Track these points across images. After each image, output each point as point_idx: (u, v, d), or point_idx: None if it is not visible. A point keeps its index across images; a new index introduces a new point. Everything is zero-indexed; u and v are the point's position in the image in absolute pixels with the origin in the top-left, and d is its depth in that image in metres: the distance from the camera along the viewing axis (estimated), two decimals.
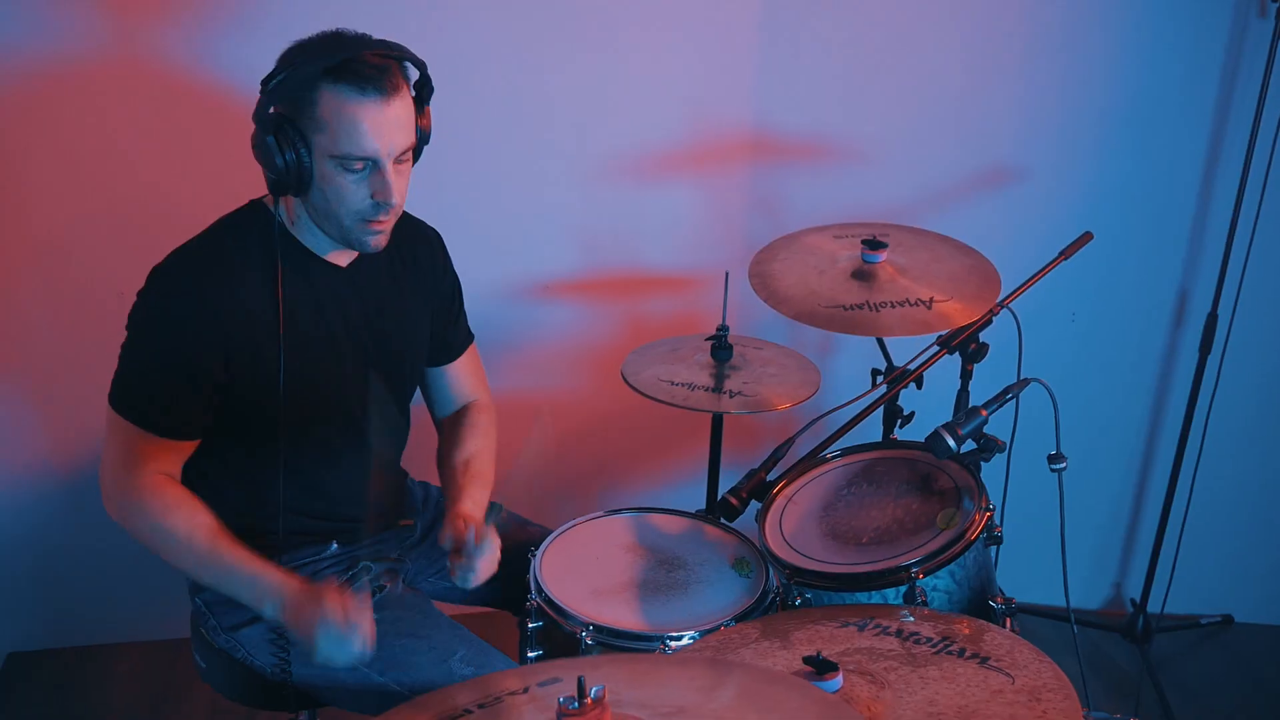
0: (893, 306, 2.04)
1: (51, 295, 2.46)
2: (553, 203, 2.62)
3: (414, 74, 1.64)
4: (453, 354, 2.00)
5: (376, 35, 1.62)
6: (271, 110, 1.56)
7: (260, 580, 1.61)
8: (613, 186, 2.62)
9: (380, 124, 1.56)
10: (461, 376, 2.02)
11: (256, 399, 1.68)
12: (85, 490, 2.62)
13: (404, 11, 2.33)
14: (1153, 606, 2.87)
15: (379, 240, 1.67)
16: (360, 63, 1.54)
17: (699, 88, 2.59)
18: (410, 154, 1.65)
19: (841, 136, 2.66)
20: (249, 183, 1.75)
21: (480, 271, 2.57)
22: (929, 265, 2.17)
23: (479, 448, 1.94)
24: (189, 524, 1.62)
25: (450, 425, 2.00)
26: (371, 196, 1.61)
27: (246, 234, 1.68)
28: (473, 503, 1.82)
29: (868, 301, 2.07)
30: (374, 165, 1.59)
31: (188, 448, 1.68)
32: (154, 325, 1.64)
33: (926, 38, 2.59)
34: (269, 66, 1.60)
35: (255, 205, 1.72)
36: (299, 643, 1.62)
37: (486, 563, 1.73)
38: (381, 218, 1.64)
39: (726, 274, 2.24)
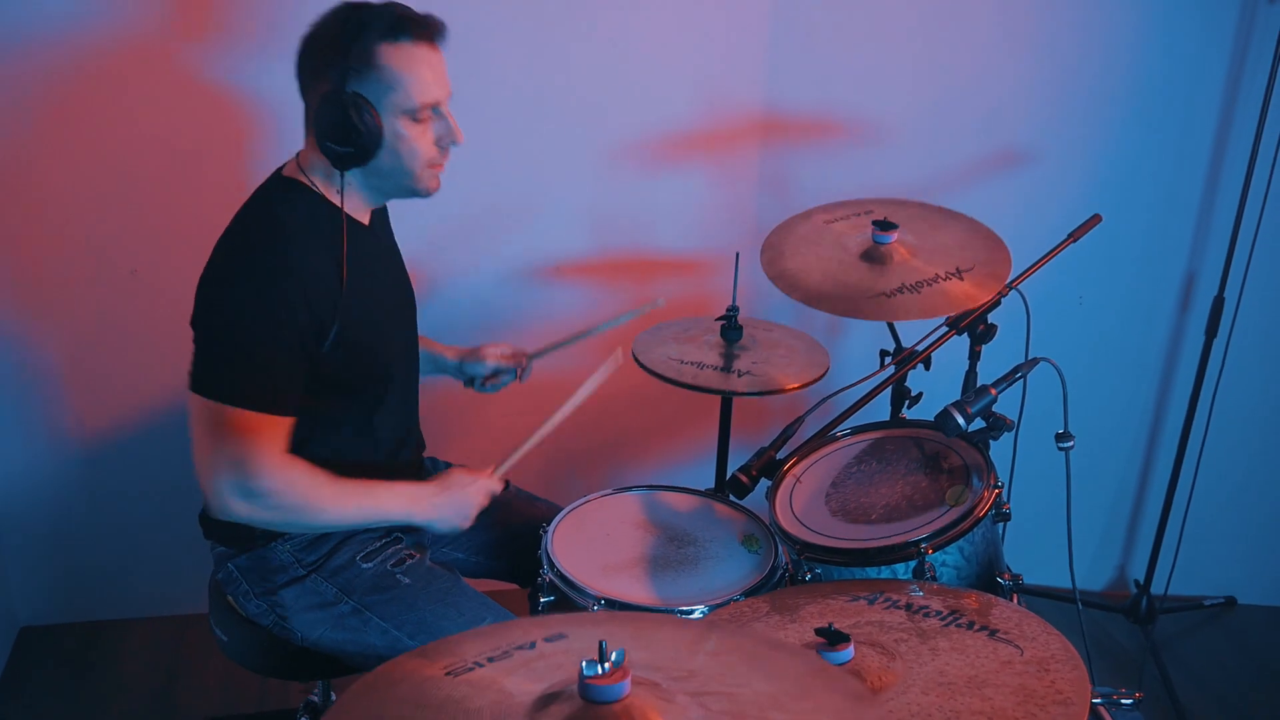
0: (903, 291, 2.05)
1: (68, 273, 2.48)
2: (565, 185, 2.63)
3: None
4: None
5: None
6: (338, 89, 1.59)
7: (400, 490, 1.75)
8: (624, 168, 2.64)
9: (438, 69, 1.66)
10: None
11: (331, 361, 1.69)
12: (98, 467, 2.65)
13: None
14: (1156, 588, 2.89)
15: (438, 183, 1.74)
16: (407, 14, 1.61)
17: (710, 70, 2.60)
18: None
19: (851, 118, 2.67)
20: (259, 163, 1.77)
21: (493, 253, 2.60)
22: (940, 245, 2.17)
23: None
24: (322, 483, 1.67)
25: None
26: (437, 142, 1.69)
27: (293, 204, 1.69)
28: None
29: (876, 283, 2.07)
30: (435, 110, 1.67)
31: (290, 423, 1.67)
32: (238, 303, 1.61)
33: (937, 20, 2.60)
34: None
35: (282, 178, 1.74)
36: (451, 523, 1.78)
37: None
38: (445, 159, 1.72)
39: (737, 255, 2.25)
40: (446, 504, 1.77)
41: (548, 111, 2.55)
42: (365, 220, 1.79)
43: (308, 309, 1.63)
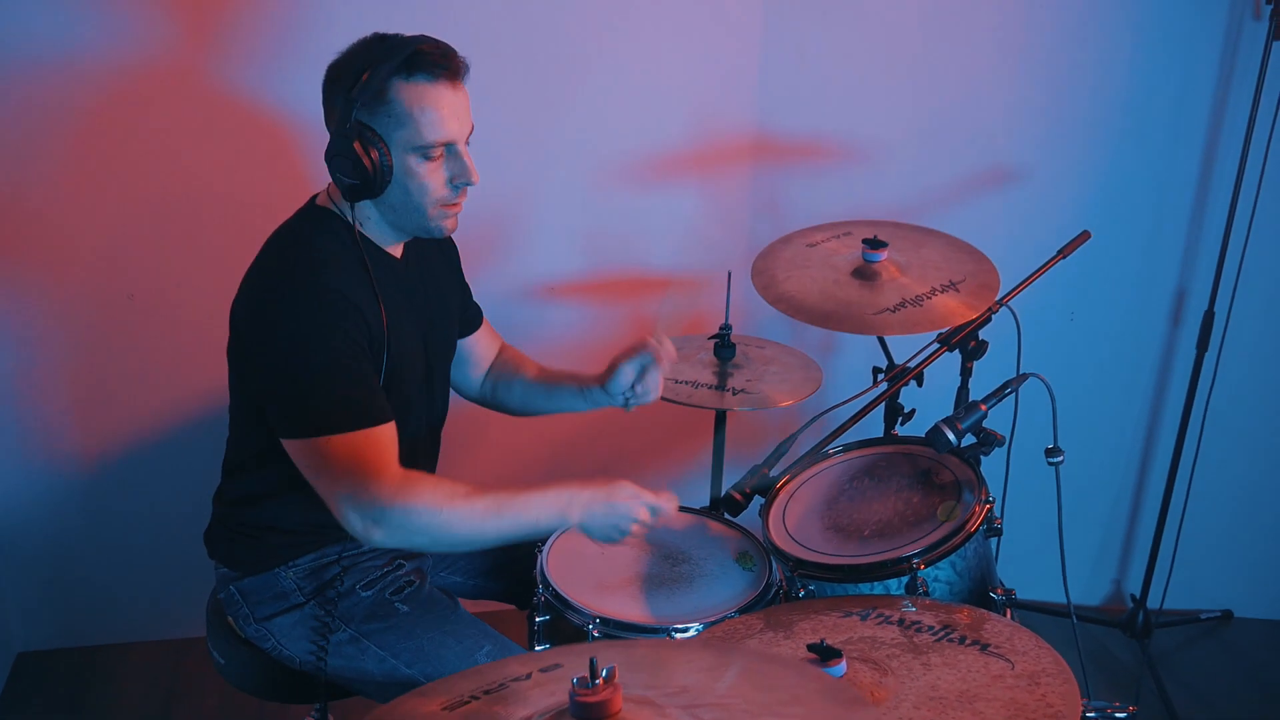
0: (905, 305, 2.07)
1: (68, 295, 2.50)
2: (557, 205, 2.65)
3: None
4: (475, 324, 2.07)
5: None
6: (350, 120, 1.59)
7: (550, 501, 1.62)
8: (617, 188, 2.66)
9: (454, 108, 1.64)
10: (486, 341, 2.10)
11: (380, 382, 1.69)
12: (94, 491, 2.66)
13: (411, 19, 2.36)
14: (1152, 602, 2.89)
15: (453, 223, 1.73)
16: (426, 53, 1.60)
17: (702, 90, 2.62)
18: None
19: (843, 138, 2.69)
20: (270, 190, 1.78)
21: (486, 273, 2.61)
22: (929, 264, 2.20)
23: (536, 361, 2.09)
24: (459, 493, 1.57)
25: (504, 364, 2.10)
26: (451, 181, 1.67)
27: (324, 232, 1.70)
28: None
29: (869, 301, 2.10)
30: (450, 149, 1.65)
31: (395, 430, 1.63)
32: (296, 330, 1.59)
33: (926, 40, 2.63)
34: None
35: (314, 208, 1.74)
36: (606, 532, 1.67)
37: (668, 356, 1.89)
38: (460, 200, 1.70)
39: (729, 274, 2.27)
40: (604, 513, 1.65)
41: (540, 132, 2.57)
42: (396, 253, 1.78)
43: (364, 323, 1.63)
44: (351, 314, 1.62)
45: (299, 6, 2.33)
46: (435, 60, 1.60)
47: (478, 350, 2.09)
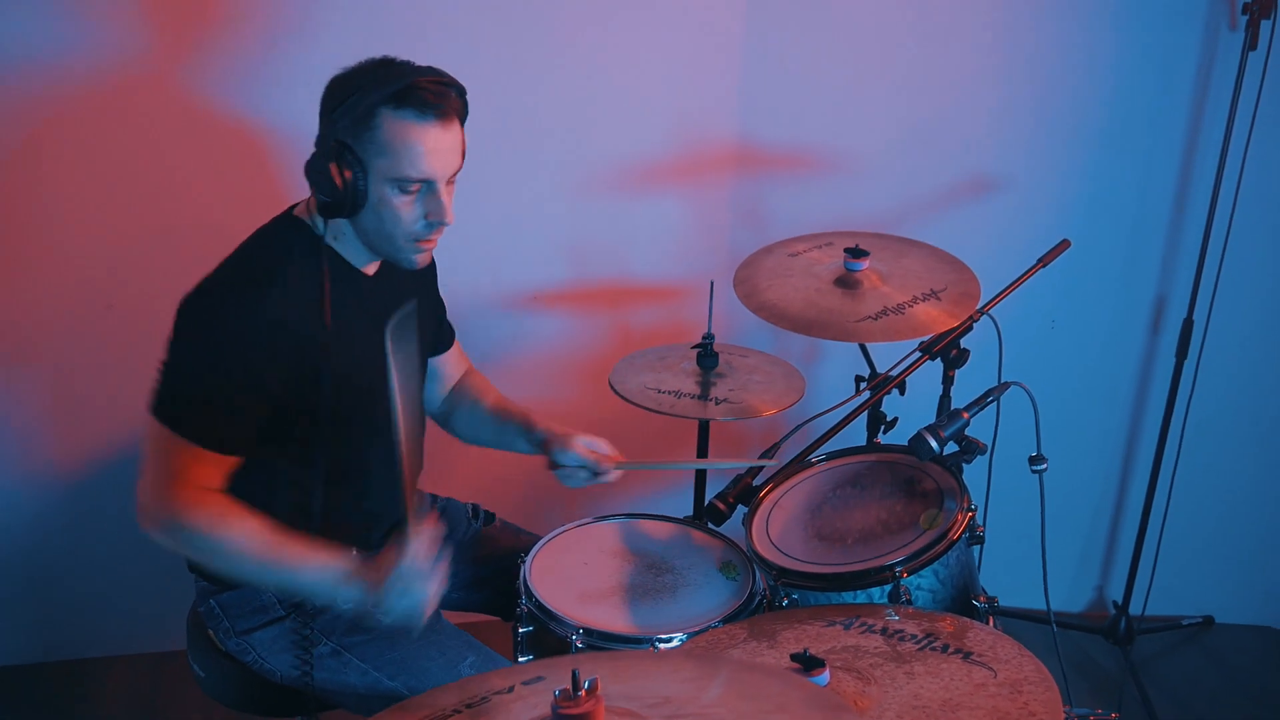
0: (875, 317, 2.08)
1: (50, 306, 2.48)
2: (540, 214, 2.65)
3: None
4: (447, 344, 2.08)
5: (366, 50, 1.66)
6: (333, 138, 1.59)
7: (329, 565, 1.60)
8: (600, 198, 2.66)
9: (439, 147, 1.62)
10: (454, 361, 2.11)
11: (304, 408, 1.69)
12: (77, 505, 2.64)
13: (392, 26, 2.37)
14: (1134, 608, 2.91)
15: (425, 258, 1.73)
16: (421, 89, 1.59)
17: (684, 100, 2.63)
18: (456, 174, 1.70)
19: (824, 148, 2.70)
20: (258, 202, 1.78)
21: (469, 283, 2.61)
22: (911, 273, 2.21)
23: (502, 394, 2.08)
24: (241, 531, 1.61)
25: (462, 390, 2.10)
26: (425, 217, 1.66)
27: (287, 246, 1.70)
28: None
29: (851, 309, 2.10)
30: (429, 186, 1.65)
31: (233, 463, 1.67)
32: (207, 339, 1.63)
33: (907, 51, 2.64)
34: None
35: (289, 218, 1.75)
36: (376, 610, 1.59)
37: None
38: (433, 236, 1.70)
39: (712, 283, 2.27)
40: (390, 597, 1.57)
41: (523, 142, 2.57)
42: (369, 271, 1.78)
43: (273, 359, 1.63)
44: (271, 349, 1.63)
45: (283, 18, 2.33)
46: (427, 99, 1.59)
47: (445, 370, 2.09)
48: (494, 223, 2.62)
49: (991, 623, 1.82)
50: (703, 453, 2.41)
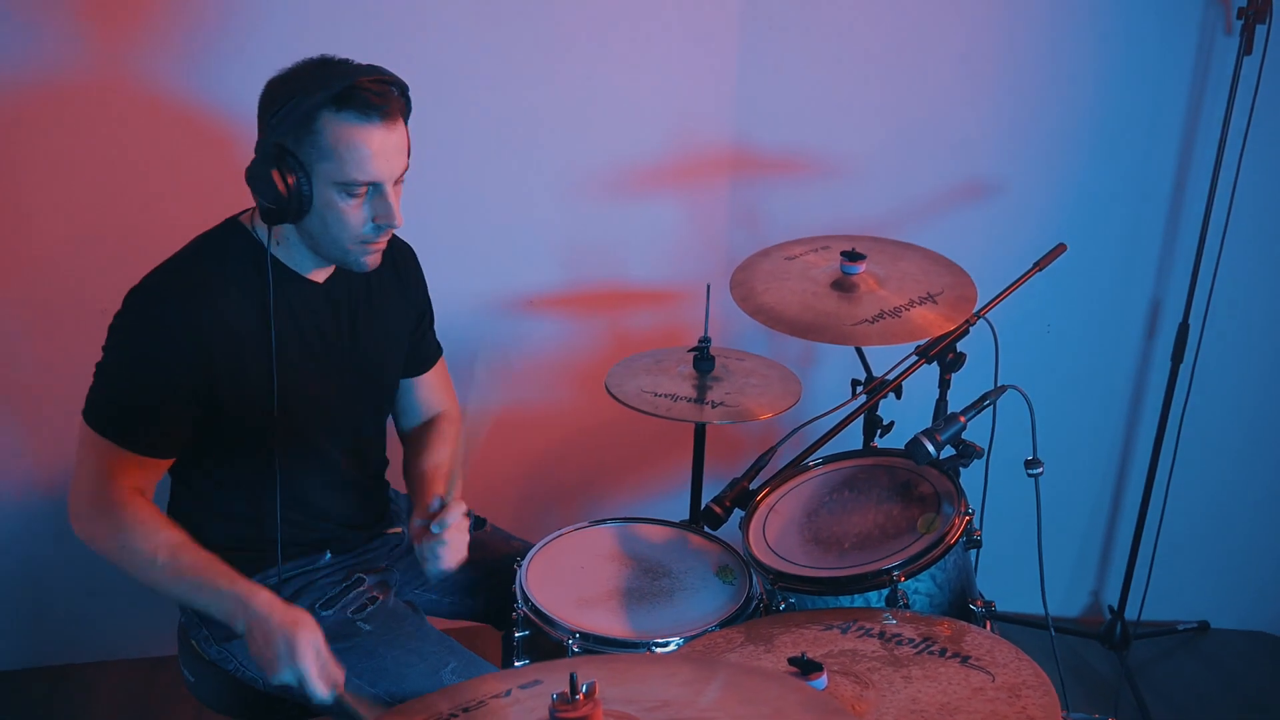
0: (872, 321, 2.08)
1: (35, 313, 2.47)
2: (536, 218, 2.65)
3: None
4: (425, 366, 2.03)
5: (361, 53, 1.64)
6: (274, 142, 1.57)
7: (229, 595, 1.56)
8: (595, 201, 2.65)
9: (384, 149, 1.59)
10: (431, 388, 2.05)
11: (241, 414, 1.69)
12: (64, 507, 2.61)
13: (388, 29, 2.36)
14: (1130, 613, 2.91)
15: (375, 259, 1.70)
16: (363, 89, 1.56)
17: (681, 103, 2.63)
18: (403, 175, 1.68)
19: (820, 151, 2.70)
20: (232, 203, 1.77)
21: (465, 287, 2.61)
22: (907, 276, 2.21)
23: (447, 454, 1.95)
24: (153, 540, 1.60)
25: (417, 434, 2.02)
26: (373, 219, 1.64)
27: (226, 252, 1.70)
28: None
29: (847, 312, 2.10)
30: (375, 189, 1.62)
31: (161, 466, 1.68)
32: (133, 342, 1.63)
33: (902, 55, 2.64)
34: (255, 89, 1.63)
35: (232, 224, 1.74)
36: (258, 659, 1.54)
37: (454, 539, 1.71)
38: (381, 239, 1.68)
39: (708, 286, 2.27)
40: (274, 641, 1.52)
41: (519, 145, 2.56)
42: (318, 279, 1.76)
43: (201, 365, 1.63)
44: (199, 353, 1.62)
45: (275, 16, 2.32)
46: (369, 99, 1.56)
47: (410, 397, 2.03)
48: (491, 226, 2.61)
49: (989, 627, 1.81)
50: (699, 456, 2.40)
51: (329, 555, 1.87)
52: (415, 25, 2.39)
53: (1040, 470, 1.82)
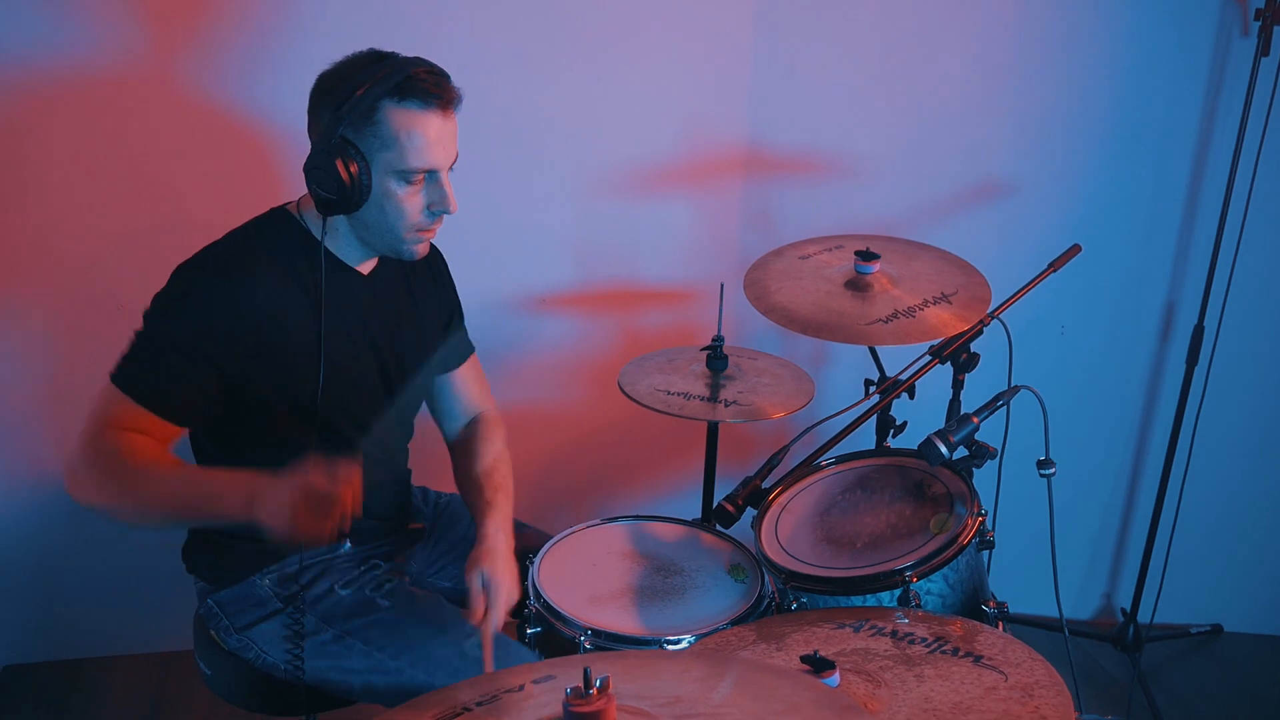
0: (886, 320, 2.08)
1: (53, 306, 2.48)
2: (550, 217, 2.65)
3: None
4: (458, 360, 2.04)
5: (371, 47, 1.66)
6: (339, 134, 1.59)
7: (240, 478, 1.52)
8: (609, 200, 2.66)
9: (442, 136, 1.64)
10: (467, 384, 2.06)
11: (272, 400, 1.70)
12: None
13: (402, 31, 2.37)
14: (1143, 616, 2.90)
15: (424, 248, 1.74)
16: (420, 79, 1.60)
17: (694, 103, 2.63)
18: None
19: (834, 151, 2.70)
20: (257, 200, 1.78)
21: (478, 285, 2.60)
22: (921, 276, 2.21)
23: (497, 457, 1.97)
24: (153, 457, 1.58)
25: (464, 440, 2.03)
26: (429, 207, 1.67)
27: (274, 239, 1.71)
28: (498, 525, 1.81)
29: (861, 312, 2.10)
30: (432, 176, 1.66)
31: (168, 432, 1.65)
32: (171, 312, 1.64)
33: (917, 56, 2.64)
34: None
35: (280, 213, 1.76)
36: (292, 529, 1.46)
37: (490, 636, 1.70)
38: (434, 226, 1.71)
39: (721, 286, 2.27)
40: (302, 499, 1.46)
41: (533, 145, 2.57)
42: (364, 270, 1.79)
43: (234, 346, 1.64)
44: (225, 331, 1.63)
45: (293, 14, 2.33)
46: (429, 88, 1.61)
47: (447, 394, 2.03)
48: (504, 225, 2.62)
49: (1001, 628, 1.81)
50: (711, 454, 2.41)
51: (348, 545, 1.88)
52: (430, 27, 2.40)
53: (1053, 471, 1.82)
